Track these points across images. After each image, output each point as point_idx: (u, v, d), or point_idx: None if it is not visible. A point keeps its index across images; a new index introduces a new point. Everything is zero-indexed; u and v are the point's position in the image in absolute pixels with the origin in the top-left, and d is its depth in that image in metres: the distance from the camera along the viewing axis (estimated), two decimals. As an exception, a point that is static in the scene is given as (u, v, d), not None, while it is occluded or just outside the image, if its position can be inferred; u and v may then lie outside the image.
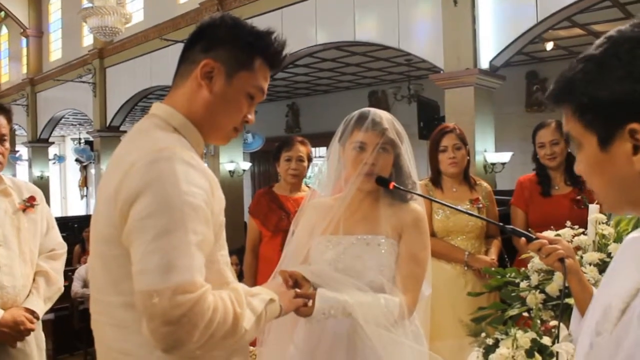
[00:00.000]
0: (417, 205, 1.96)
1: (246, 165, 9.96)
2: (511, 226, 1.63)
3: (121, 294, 1.22)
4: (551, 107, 1.00)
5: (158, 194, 1.15)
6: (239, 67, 1.35)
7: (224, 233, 1.36)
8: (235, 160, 9.45)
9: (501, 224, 1.71)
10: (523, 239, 1.55)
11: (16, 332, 2.19)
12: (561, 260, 1.47)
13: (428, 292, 2.04)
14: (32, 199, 2.37)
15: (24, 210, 2.33)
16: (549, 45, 8.31)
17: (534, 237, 1.54)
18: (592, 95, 0.87)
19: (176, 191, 1.16)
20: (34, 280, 2.33)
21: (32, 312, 2.26)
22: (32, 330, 2.25)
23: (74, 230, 10.10)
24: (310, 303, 1.62)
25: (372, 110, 1.94)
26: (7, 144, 2.31)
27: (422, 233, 1.94)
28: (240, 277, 4.46)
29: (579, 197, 3.06)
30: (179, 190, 1.16)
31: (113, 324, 1.26)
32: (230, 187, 9.08)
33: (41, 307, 2.31)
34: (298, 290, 1.60)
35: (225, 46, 1.35)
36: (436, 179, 3.20)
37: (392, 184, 1.87)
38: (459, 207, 2.42)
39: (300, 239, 1.97)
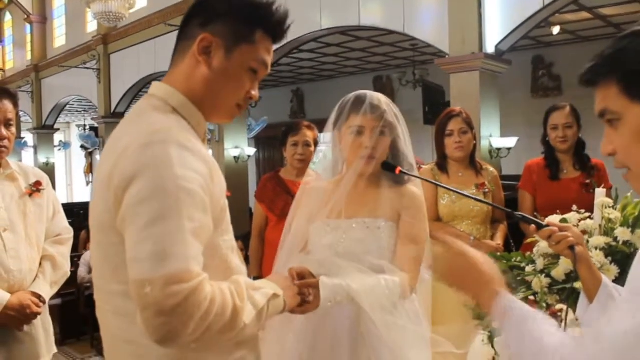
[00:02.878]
0: (415, 188, 1.97)
1: (251, 151, 9.95)
2: (520, 213, 1.62)
3: (121, 282, 1.18)
4: (585, 86, 1.01)
5: (152, 178, 1.11)
6: (238, 41, 1.30)
7: (228, 217, 1.31)
8: (240, 146, 9.44)
9: (509, 210, 1.71)
10: (533, 225, 1.54)
11: (22, 316, 2.20)
12: (571, 247, 1.46)
13: (428, 276, 2.04)
14: (38, 183, 2.37)
15: (30, 195, 2.34)
16: (556, 30, 8.23)
17: (543, 224, 1.53)
18: None
19: (170, 176, 1.11)
20: (40, 264, 2.34)
21: (39, 296, 2.27)
22: (39, 314, 2.26)
23: (80, 216, 10.12)
24: (310, 298, 1.54)
25: (369, 93, 1.92)
26: (14, 129, 2.30)
27: (419, 214, 1.94)
28: (246, 262, 4.46)
29: (587, 181, 3.06)
30: (174, 175, 1.11)
31: (115, 312, 1.24)
32: (235, 172, 9.08)
33: (47, 291, 2.32)
34: (298, 282, 1.52)
35: (224, 19, 1.30)
36: (442, 164, 3.19)
37: (399, 169, 1.86)
38: (465, 192, 2.41)
39: (299, 225, 1.97)
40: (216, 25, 1.29)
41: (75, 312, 5.88)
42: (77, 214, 10.39)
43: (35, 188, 2.35)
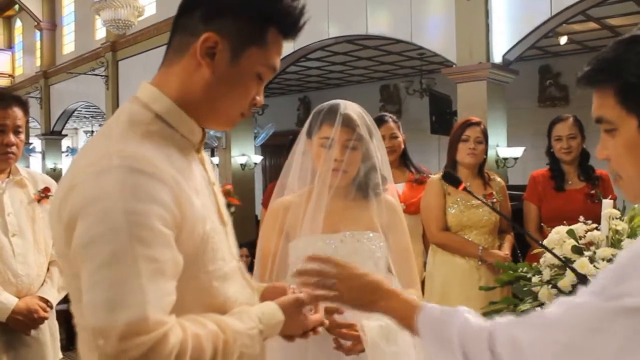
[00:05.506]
0: (391, 198, 1.95)
1: (257, 158, 9.97)
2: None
3: (82, 316, 1.04)
4: (582, 87, 0.97)
5: (100, 215, 0.97)
6: (248, 42, 1.10)
7: (215, 244, 1.13)
8: (246, 154, 9.46)
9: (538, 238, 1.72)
10: None
11: (30, 320, 2.22)
12: None
13: None
14: (46, 190, 2.39)
15: (38, 201, 2.36)
16: (563, 40, 8.24)
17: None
18: None
19: (121, 211, 0.96)
20: (48, 269, 2.36)
21: (46, 301, 2.29)
22: (46, 318, 2.28)
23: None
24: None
25: (342, 104, 1.86)
26: (23, 136, 2.33)
27: (404, 224, 1.95)
28: (250, 269, 4.47)
29: (592, 192, 3.07)
30: (124, 210, 0.96)
31: (83, 342, 1.12)
32: (242, 180, 9.10)
33: (55, 296, 2.34)
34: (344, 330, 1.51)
35: (231, 15, 1.09)
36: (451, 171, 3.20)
37: (463, 185, 1.88)
38: (487, 203, 2.44)
39: (275, 243, 1.87)
40: (222, 21, 1.09)
41: (80, 317, 5.89)
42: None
43: (44, 194, 2.38)
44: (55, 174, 14.27)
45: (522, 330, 0.98)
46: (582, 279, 1.56)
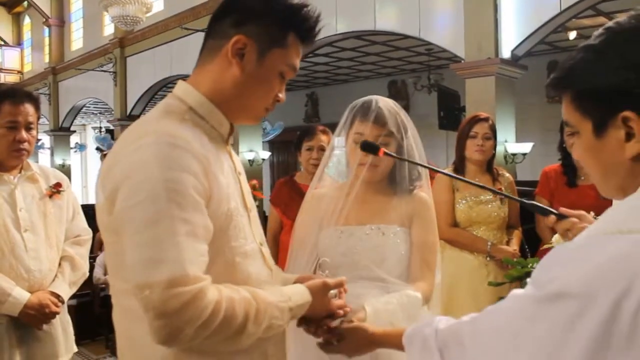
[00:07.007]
0: (424, 194, 1.95)
1: (265, 154, 9.99)
2: (532, 202, 1.62)
3: (124, 280, 1.17)
4: (551, 95, 1.03)
5: (140, 182, 1.10)
6: (271, 44, 1.26)
7: (237, 222, 1.25)
8: (254, 150, 9.48)
9: (523, 199, 1.67)
10: (552, 217, 1.50)
11: (42, 315, 2.23)
12: None
13: (438, 279, 2.02)
14: (58, 185, 2.41)
15: (50, 196, 2.37)
16: (572, 35, 8.20)
17: (555, 212, 1.49)
18: (589, 83, 0.92)
19: (159, 178, 1.09)
20: (59, 264, 2.38)
21: (57, 296, 2.30)
22: (57, 313, 2.29)
23: (95, 218, 10.22)
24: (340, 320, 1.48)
25: (375, 100, 1.88)
26: (34, 132, 2.35)
27: (431, 219, 1.94)
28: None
29: (605, 187, 3.05)
30: (162, 178, 1.09)
31: (121, 310, 1.25)
32: (250, 176, 9.10)
33: (66, 291, 2.35)
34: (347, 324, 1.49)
35: (258, 21, 1.25)
36: (459, 167, 3.20)
37: (382, 151, 1.73)
38: (485, 185, 2.43)
39: (307, 232, 1.93)
40: (250, 26, 1.25)
41: (90, 313, 5.92)
42: (92, 215, 10.47)
43: (56, 189, 2.39)
44: (64, 170, 14.32)
45: (473, 321, 1.05)
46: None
